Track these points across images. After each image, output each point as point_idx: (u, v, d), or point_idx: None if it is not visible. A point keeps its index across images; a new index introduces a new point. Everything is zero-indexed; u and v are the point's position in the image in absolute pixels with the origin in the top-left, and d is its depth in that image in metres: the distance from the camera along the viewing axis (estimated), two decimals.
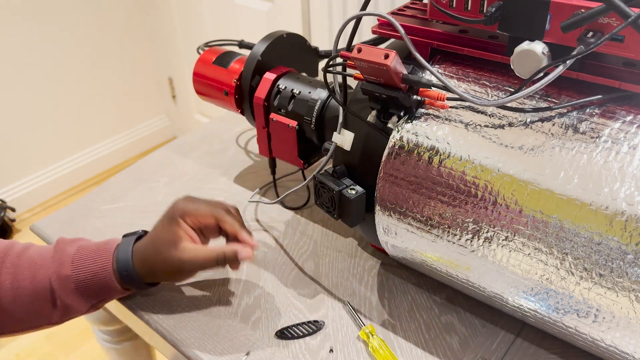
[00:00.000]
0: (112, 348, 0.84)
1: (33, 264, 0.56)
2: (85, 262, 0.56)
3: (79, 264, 0.56)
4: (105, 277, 0.56)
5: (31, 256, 0.56)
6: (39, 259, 0.56)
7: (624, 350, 0.43)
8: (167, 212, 0.58)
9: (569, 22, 0.39)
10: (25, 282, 0.54)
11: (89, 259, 0.56)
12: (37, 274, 0.55)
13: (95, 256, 0.56)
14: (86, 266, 0.56)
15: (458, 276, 0.51)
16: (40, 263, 0.56)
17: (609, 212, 0.39)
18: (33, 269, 0.55)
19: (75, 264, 0.56)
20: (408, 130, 0.50)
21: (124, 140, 2.17)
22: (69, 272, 0.55)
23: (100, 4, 1.88)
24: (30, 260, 0.56)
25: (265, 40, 0.70)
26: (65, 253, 0.57)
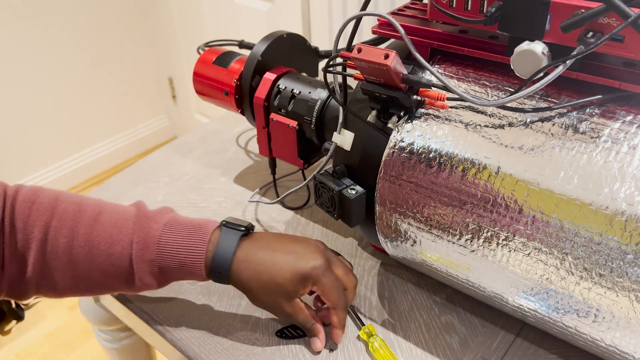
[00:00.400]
0: (112, 348, 0.84)
1: (109, 238, 0.52)
2: (174, 249, 0.52)
3: (165, 249, 0.52)
4: (193, 269, 0.52)
5: (105, 229, 0.52)
6: (116, 232, 0.52)
7: (624, 350, 0.43)
8: (304, 268, 0.52)
9: (569, 22, 0.39)
10: (101, 258, 0.52)
11: (179, 246, 0.52)
12: (114, 251, 0.52)
13: (186, 244, 0.52)
14: (174, 254, 0.52)
15: (458, 276, 0.51)
16: (117, 238, 0.52)
17: (609, 212, 0.39)
18: (109, 242, 0.52)
19: (161, 248, 0.52)
20: (408, 131, 0.50)
21: (124, 140, 2.17)
22: (154, 256, 0.52)
23: (101, 4, 1.88)
24: (105, 234, 0.52)
25: (265, 40, 0.70)
26: (150, 233, 0.52)
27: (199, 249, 0.52)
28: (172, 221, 0.54)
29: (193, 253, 0.52)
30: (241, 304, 0.62)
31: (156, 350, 0.88)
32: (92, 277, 0.53)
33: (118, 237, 0.52)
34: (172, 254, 0.52)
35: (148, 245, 0.52)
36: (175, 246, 0.52)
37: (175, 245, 0.52)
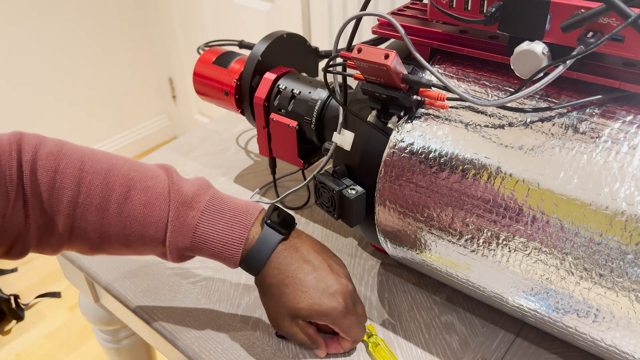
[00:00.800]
0: (112, 348, 0.84)
1: (142, 220, 0.51)
2: (211, 239, 0.51)
3: (202, 238, 0.51)
4: (226, 260, 0.52)
5: (137, 209, 0.51)
6: (149, 213, 0.51)
7: (624, 350, 0.43)
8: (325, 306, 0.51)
9: (569, 22, 0.39)
10: (133, 238, 0.51)
11: (216, 237, 0.51)
12: (147, 232, 0.51)
13: (224, 236, 0.51)
14: (210, 245, 0.51)
15: (458, 276, 0.51)
16: (150, 220, 0.51)
17: (609, 212, 0.39)
18: (142, 224, 0.51)
19: (197, 237, 0.51)
20: (408, 131, 0.50)
21: (124, 140, 2.17)
22: (188, 244, 0.51)
23: (101, 4, 1.88)
24: (137, 215, 0.51)
25: (265, 40, 0.70)
26: (187, 222, 0.51)
27: (236, 245, 0.52)
28: (210, 206, 0.52)
29: (230, 247, 0.52)
30: (241, 303, 0.62)
31: (156, 350, 0.88)
32: (123, 250, 0.52)
33: (151, 220, 0.51)
34: (208, 244, 0.51)
35: (184, 232, 0.51)
36: (212, 237, 0.51)
37: (212, 236, 0.51)
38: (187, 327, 0.59)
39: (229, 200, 0.54)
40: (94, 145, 2.07)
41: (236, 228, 0.52)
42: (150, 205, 0.51)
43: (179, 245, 0.51)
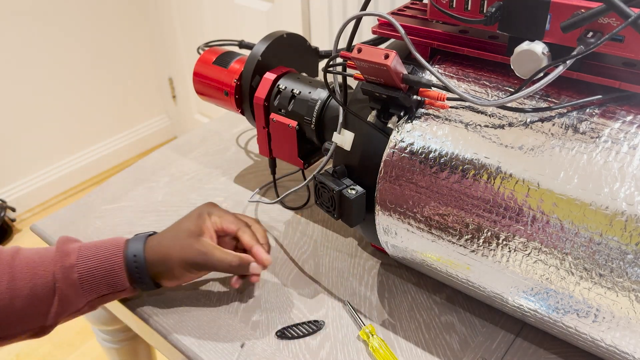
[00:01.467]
0: (112, 348, 0.84)
1: (31, 262, 0.55)
2: (93, 251, 0.55)
3: (85, 253, 0.55)
4: (112, 265, 0.55)
5: (27, 255, 0.55)
6: (38, 257, 0.55)
7: (624, 350, 0.43)
8: (195, 210, 0.60)
9: (569, 22, 0.39)
10: (23, 282, 0.54)
11: (97, 247, 0.56)
12: (38, 270, 0.54)
13: (104, 245, 0.56)
14: (93, 254, 0.55)
15: (458, 276, 0.52)
16: (39, 261, 0.55)
17: (609, 212, 0.39)
18: (32, 266, 0.54)
19: (81, 253, 0.55)
20: (408, 131, 0.50)
21: (124, 140, 2.17)
22: (74, 261, 0.54)
23: (101, 4, 1.88)
24: (27, 259, 0.55)
25: (265, 40, 0.70)
26: (71, 246, 0.56)
27: (117, 245, 0.56)
28: (84, 245, 0.57)
29: (111, 249, 0.56)
30: (241, 304, 0.62)
31: (156, 350, 0.88)
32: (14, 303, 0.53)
33: (41, 261, 0.55)
34: (92, 254, 0.55)
35: (69, 253, 0.55)
36: (95, 249, 0.56)
37: (94, 248, 0.56)
38: (187, 327, 0.59)
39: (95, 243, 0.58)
40: (93, 145, 2.08)
41: (116, 238, 0.57)
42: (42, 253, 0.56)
43: (65, 264, 0.54)
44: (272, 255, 0.68)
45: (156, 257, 0.56)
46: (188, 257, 0.56)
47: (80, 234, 0.72)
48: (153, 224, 0.73)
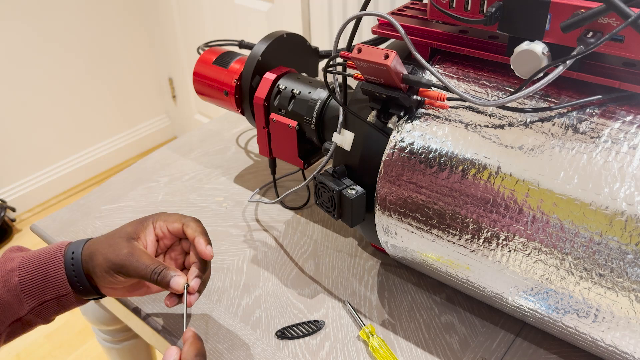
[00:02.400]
0: (112, 348, 0.84)
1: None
2: (36, 254, 0.53)
3: (28, 257, 0.53)
4: (52, 266, 0.52)
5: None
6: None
7: (624, 350, 0.43)
8: (143, 217, 0.56)
9: (569, 22, 0.39)
10: None
11: (40, 252, 0.53)
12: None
13: (47, 249, 0.53)
14: (35, 257, 0.52)
15: (458, 276, 0.52)
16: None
17: (609, 212, 0.39)
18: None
19: (25, 257, 0.53)
20: (408, 131, 0.50)
21: (124, 140, 2.17)
22: (16, 265, 0.52)
23: (101, 4, 1.88)
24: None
25: (265, 40, 0.70)
26: (17, 253, 0.54)
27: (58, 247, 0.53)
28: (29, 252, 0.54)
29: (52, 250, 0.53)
30: (241, 304, 0.62)
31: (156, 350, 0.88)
32: None
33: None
34: (34, 257, 0.53)
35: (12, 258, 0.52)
36: (38, 252, 0.53)
37: (37, 253, 0.53)
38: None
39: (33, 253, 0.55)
40: (93, 145, 2.08)
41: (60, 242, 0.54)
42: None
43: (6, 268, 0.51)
44: (272, 255, 0.68)
45: (87, 253, 0.52)
46: (112, 255, 0.51)
47: (80, 234, 0.72)
48: None
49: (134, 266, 0.51)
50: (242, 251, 0.69)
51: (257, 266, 0.67)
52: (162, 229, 0.55)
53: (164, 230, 0.55)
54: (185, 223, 0.55)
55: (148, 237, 0.54)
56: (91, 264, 0.52)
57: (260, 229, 0.72)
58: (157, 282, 0.51)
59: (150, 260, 0.51)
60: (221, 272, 0.66)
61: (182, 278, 0.51)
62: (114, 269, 0.51)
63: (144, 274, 0.51)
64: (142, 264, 0.51)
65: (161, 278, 0.50)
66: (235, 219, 0.74)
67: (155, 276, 0.50)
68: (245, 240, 0.71)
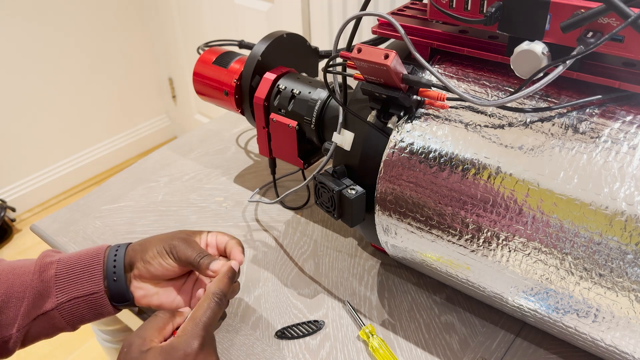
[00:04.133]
0: (112, 348, 0.84)
1: (14, 264, 0.54)
2: (77, 253, 0.55)
3: (69, 255, 0.55)
4: (91, 260, 0.54)
5: (11, 261, 0.55)
6: (22, 261, 0.55)
7: (624, 350, 0.43)
8: None
9: (568, 22, 0.39)
10: (1, 281, 0.52)
11: (81, 252, 0.55)
12: (18, 270, 0.53)
13: (87, 250, 0.56)
14: (76, 253, 0.55)
15: (458, 276, 0.51)
16: (22, 262, 0.54)
17: (609, 212, 0.39)
18: (13, 267, 0.53)
19: (64, 255, 0.55)
20: (408, 131, 0.50)
21: (124, 140, 2.17)
22: (55, 259, 0.54)
23: (101, 4, 1.88)
24: (10, 263, 0.54)
25: (265, 40, 0.70)
26: (55, 253, 0.56)
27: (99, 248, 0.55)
28: (66, 255, 0.56)
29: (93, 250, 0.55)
30: (241, 304, 0.62)
31: None
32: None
33: (21, 271, 0.54)
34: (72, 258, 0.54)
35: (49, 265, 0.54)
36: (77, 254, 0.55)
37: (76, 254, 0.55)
38: None
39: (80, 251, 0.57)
40: (93, 145, 2.08)
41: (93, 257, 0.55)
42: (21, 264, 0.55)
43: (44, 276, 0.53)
44: (272, 255, 0.68)
45: (138, 242, 0.56)
46: (167, 237, 0.55)
47: (80, 234, 0.72)
48: (153, 224, 0.73)
49: (184, 248, 0.54)
50: None
51: (257, 266, 0.67)
52: (211, 240, 0.58)
53: (212, 241, 0.58)
54: (231, 238, 0.58)
55: (201, 240, 0.57)
56: (141, 248, 0.55)
57: (260, 229, 0.72)
58: (199, 264, 0.54)
59: (200, 247, 0.55)
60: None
61: (221, 261, 0.54)
62: (167, 248, 0.54)
63: (190, 255, 0.54)
64: (191, 248, 0.54)
65: (203, 261, 0.54)
66: (235, 219, 0.74)
67: (198, 258, 0.54)
68: (245, 240, 0.71)
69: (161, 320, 0.49)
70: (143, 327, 0.48)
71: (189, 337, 0.46)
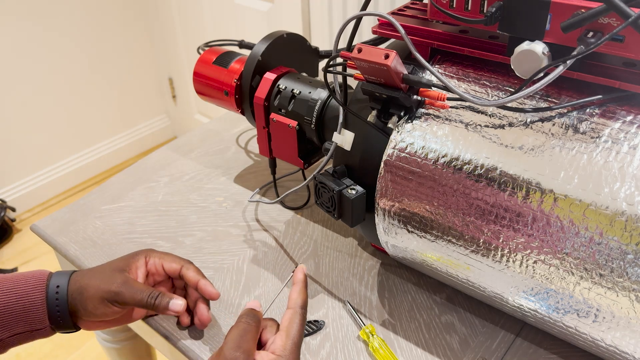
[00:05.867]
0: (112, 348, 0.84)
1: None
2: (12, 283, 0.52)
3: (5, 285, 0.51)
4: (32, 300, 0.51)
5: None
6: None
7: (624, 350, 0.43)
8: (132, 252, 0.57)
9: (569, 22, 0.39)
10: None
11: (19, 280, 0.52)
12: None
13: (25, 278, 0.52)
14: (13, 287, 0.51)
15: (458, 276, 0.51)
16: None
17: (609, 212, 0.39)
18: None
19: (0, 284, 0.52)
20: (408, 131, 0.50)
21: (124, 140, 2.17)
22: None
23: (101, 4, 1.88)
24: None
25: (265, 40, 0.70)
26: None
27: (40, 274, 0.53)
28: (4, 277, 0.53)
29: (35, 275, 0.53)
30: (241, 304, 0.62)
31: (156, 350, 0.88)
32: None
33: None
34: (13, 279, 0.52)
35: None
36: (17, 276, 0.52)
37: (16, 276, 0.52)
38: (187, 327, 0.59)
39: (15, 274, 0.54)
40: (93, 145, 2.08)
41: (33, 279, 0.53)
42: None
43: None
44: (272, 256, 0.68)
45: (76, 287, 0.52)
46: (105, 285, 0.52)
47: (80, 234, 0.72)
48: (153, 224, 0.73)
49: (130, 293, 0.52)
50: (242, 251, 0.69)
51: (257, 266, 0.67)
52: (156, 265, 0.56)
53: (158, 267, 0.56)
54: (184, 266, 0.56)
55: (139, 270, 0.55)
56: (80, 298, 0.52)
57: (260, 229, 0.72)
58: (154, 306, 0.52)
59: (144, 286, 0.53)
60: (221, 272, 0.66)
61: (180, 300, 0.53)
62: (109, 299, 0.52)
63: (140, 299, 0.52)
64: (137, 290, 0.52)
65: (158, 302, 0.52)
66: (235, 219, 0.74)
67: (152, 300, 0.52)
68: (245, 240, 0.71)
69: (254, 330, 0.48)
70: (243, 339, 0.47)
71: (292, 355, 0.47)
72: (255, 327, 0.49)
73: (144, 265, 0.56)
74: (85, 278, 0.53)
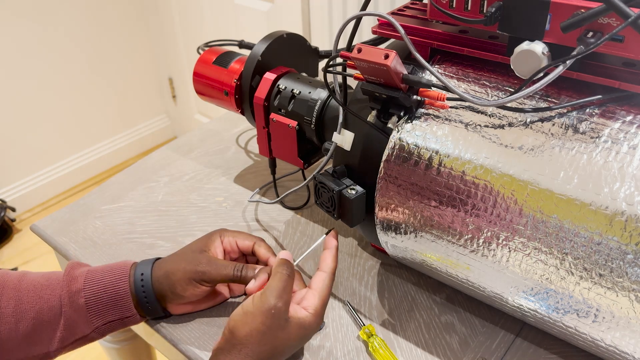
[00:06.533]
0: (112, 348, 0.84)
1: (38, 285, 0.54)
2: (99, 274, 0.55)
3: (92, 277, 0.55)
4: (118, 290, 0.54)
5: (34, 279, 0.55)
6: (45, 281, 0.55)
7: (624, 350, 0.43)
8: (207, 234, 0.60)
9: (568, 22, 0.39)
10: (29, 305, 0.53)
11: (104, 272, 0.55)
12: (44, 294, 0.54)
13: (111, 269, 0.56)
14: (100, 278, 0.54)
15: (458, 276, 0.52)
16: (46, 284, 0.55)
17: (609, 212, 0.39)
18: (39, 290, 0.54)
19: (88, 277, 0.55)
20: (408, 131, 0.50)
21: (124, 140, 2.17)
22: (81, 286, 0.54)
23: (101, 4, 1.88)
24: (34, 283, 0.55)
25: (265, 40, 0.70)
26: (79, 270, 0.56)
27: (124, 269, 0.56)
28: (91, 270, 0.56)
29: (118, 272, 0.55)
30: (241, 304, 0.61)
31: (156, 350, 0.88)
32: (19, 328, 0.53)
33: (48, 283, 0.55)
34: (98, 278, 0.55)
35: (76, 278, 0.55)
36: (102, 273, 0.55)
37: (101, 272, 0.55)
38: (187, 328, 0.59)
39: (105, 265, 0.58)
40: (93, 145, 2.08)
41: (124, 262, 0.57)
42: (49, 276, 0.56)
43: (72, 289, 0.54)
44: None
45: (161, 273, 0.55)
46: (191, 267, 0.54)
47: (80, 234, 0.72)
48: (153, 224, 0.73)
49: (216, 270, 0.54)
50: None
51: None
52: (230, 243, 0.59)
53: (233, 245, 0.59)
54: (256, 243, 0.59)
55: (217, 249, 0.58)
56: (168, 282, 0.55)
57: (260, 229, 0.72)
58: (242, 278, 0.54)
59: (228, 262, 0.56)
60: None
61: (262, 267, 0.55)
62: (197, 279, 0.54)
63: (227, 274, 0.54)
64: (222, 265, 0.55)
65: (244, 273, 0.54)
66: (235, 219, 0.74)
67: (238, 272, 0.54)
68: None
69: (291, 282, 0.51)
70: (284, 290, 0.49)
71: (319, 318, 0.51)
72: (291, 279, 0.51)
73: (220, 244, 0.58)
74: (168, 264, 0.56)
